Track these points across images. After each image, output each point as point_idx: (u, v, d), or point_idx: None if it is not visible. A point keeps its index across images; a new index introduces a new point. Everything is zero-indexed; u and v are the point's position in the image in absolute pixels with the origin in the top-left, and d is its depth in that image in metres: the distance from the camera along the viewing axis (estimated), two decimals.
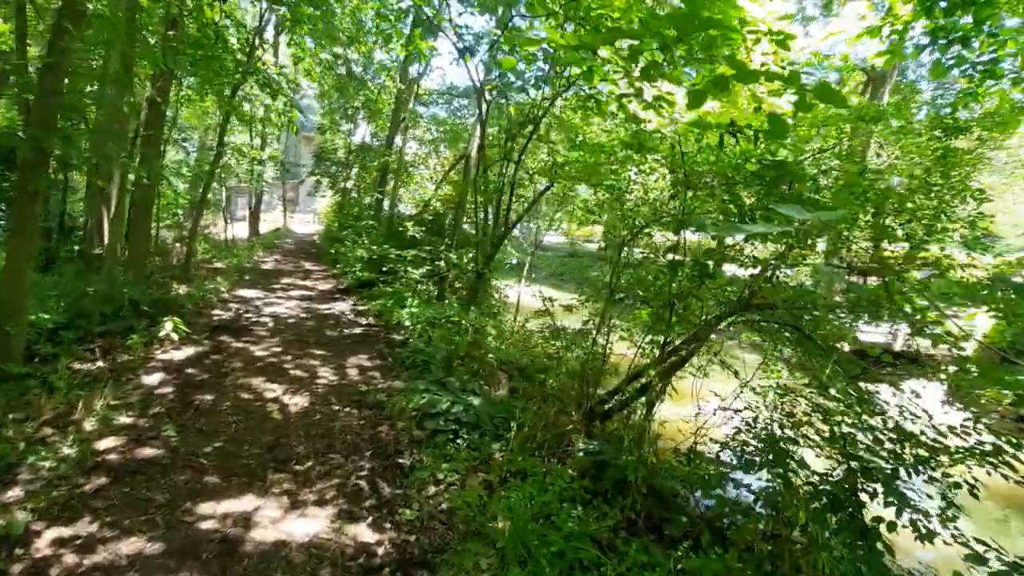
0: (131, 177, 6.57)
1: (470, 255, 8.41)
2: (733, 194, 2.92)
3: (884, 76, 14.13)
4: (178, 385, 4.75)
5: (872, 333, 9.12)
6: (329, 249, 15.07)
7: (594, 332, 4.89)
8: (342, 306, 9.14)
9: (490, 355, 5.25)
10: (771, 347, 4.52)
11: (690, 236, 5.23)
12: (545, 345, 6.07)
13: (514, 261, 10.23)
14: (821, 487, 3.07)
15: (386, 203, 14.04)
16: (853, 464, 3.15)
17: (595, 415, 4.29)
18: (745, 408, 3.54)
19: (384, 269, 8.84)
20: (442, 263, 7.92)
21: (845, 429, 3.23)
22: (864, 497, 3.12)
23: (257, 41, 8.94)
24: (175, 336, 5.60)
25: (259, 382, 5.06)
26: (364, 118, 19.68)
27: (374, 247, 8.81)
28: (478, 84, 6.07)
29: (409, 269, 8.26)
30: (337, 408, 4.65)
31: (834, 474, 3.22)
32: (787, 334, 3.90)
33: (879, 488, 2.99)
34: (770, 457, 3.12)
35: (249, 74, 6.73)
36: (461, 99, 17.24)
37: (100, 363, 4.93)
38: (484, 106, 8.21)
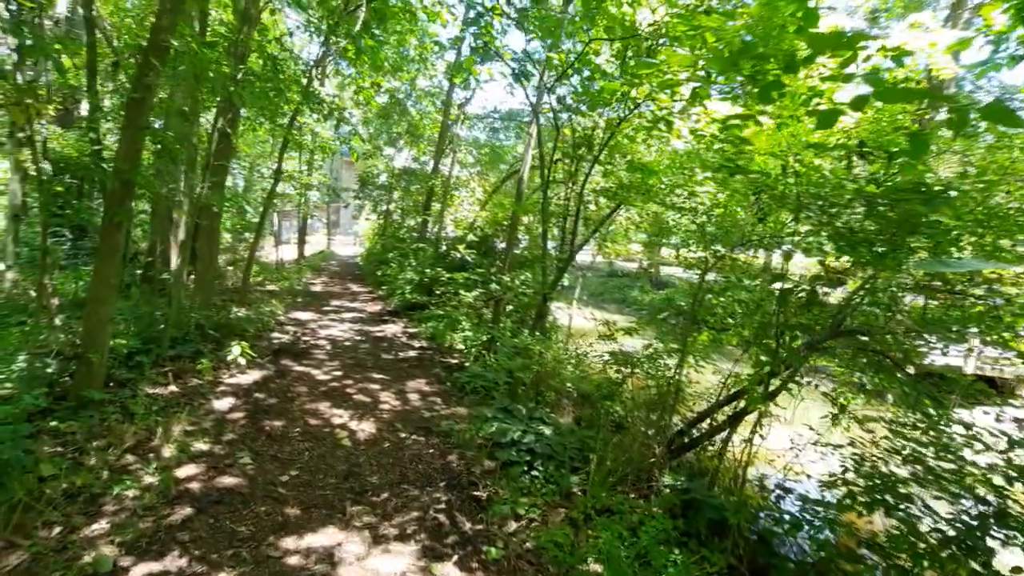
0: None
1: (522, 278, 8.32)
2: (852, 219, 2.72)
3: (940, 86, 13.55)
4: (248, 410, 4.78)
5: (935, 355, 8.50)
6: (374, 271, 15.32)
7: (665, 357, 4.69)
8: (393, 329, 9.18)
9: (555, 381, 5.09)
10: (847, 375, 4.22)
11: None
12: (608, 370, 5.87)
13: (565, 283, 10.08)
14: (950, 533, 2.77)
15: (431, 225, 14.18)
16: (982, 507, 2.84)
17: (675, 447, 4.06)
18: (847, 444, 3.26)
19: (437, 292, 8.85)
20: (496, 286, 7.85)
21: (945, 464, 2.93)
22: (993, 544, 2.81)
23: (315, 72, 9.27)
24: (242, 360, 5.68)
25: (325, 407, 5.05)
26: (406, 143, 20.19)
27: (425, 270, 8.83)
28: (532, 103, 6.05)
29: (461, 292, 8.23)
30: (404, 435, 4.57)
31: (958, 517, 2.91)
32: (873, 361, 3.62)
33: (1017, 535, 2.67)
34: (886, 498, 2.84)
35: (310, 102, 6.92)
36: (504, 121, 17.46)
37: (173, 387, 5.03)
38: (535, 128, 8.21)
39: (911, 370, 3.73)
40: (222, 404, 4.84)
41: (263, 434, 4.32)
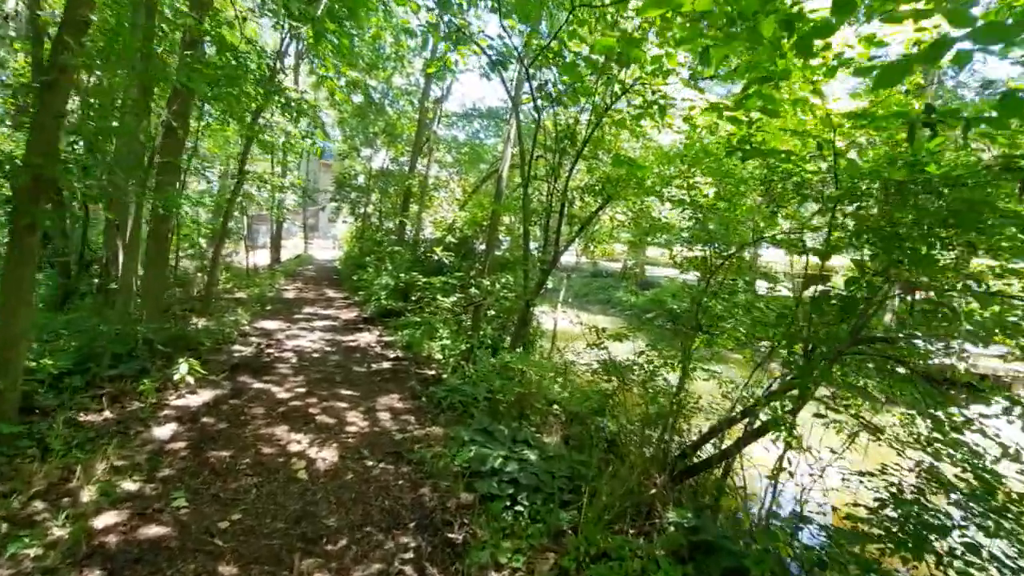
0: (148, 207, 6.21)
1: (502, 281, 7.85)
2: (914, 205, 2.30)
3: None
4: (192, 438, 4.20)
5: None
6: (351, 276, 14.69)
7: (661, 368, 4.24)
8: (367, 337, 8.61)
9: (540, 401, 4.62)
10: (855, 382, 3.84)
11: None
12: (598, 381, 5.41)
13: (549, 285, 9.63)
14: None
15: (409, 228, 13.62)
16: None
17: (676, 471, 3.61)
18: (880, 472, 2.83)
19: (413, 297, 8.32)
20: (475, 290, 7.35)
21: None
22: None
23: (278, 65, 8.67)
24: (191, 379, 5.09)
25: (282, 431, 4.49)
26: (383, 144, 19.59)
27: (400, 274, 8.31)
28: (511, 95, 5.59)
29: (439, 297, 7.71)
30: (371, 463, 4.04)
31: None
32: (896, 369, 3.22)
33: None
34: (934, 542, 2.41)
35: (272, 95, 6.34)
36: (482, 120, 17.00)
37: (108, 413, 4.43)
38: (515, 122, 7.74)
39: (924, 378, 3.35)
40: (162, 432, 4.26)
41: (206, 468, 3.75)
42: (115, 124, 5.50)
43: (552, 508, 3.28)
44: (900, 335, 3.13)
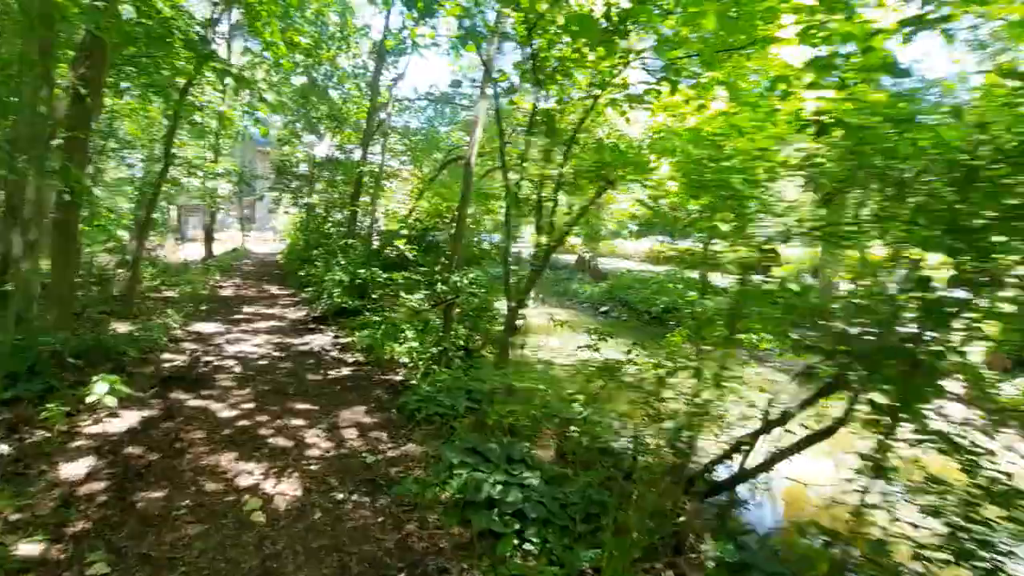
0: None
1: (471, 276, 7.29)
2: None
3: None
4: (114, 475, 3.41)
5: None
6: (296, 271, 13.61)
7: (671, 370, 3.86)
8: (321, 340, 7.81)
9: (534, 406, 4.13)
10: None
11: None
12: (588, 379, 4.99)
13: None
14: None
15: (362, 219, 12.72)
16: None
17: (695, 490, 3.24)
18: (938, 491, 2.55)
19: (374, 295, 7.59)
20: (443, 286, 6.75)
21: None
22: None
23: (210, 34, 7.64)
24: (111, 400, 4.22)
25: (229, 460, 3.77)
26: (327, 130, 18.37)
27: (359, 270, 7.56)
28: (493, 74, 5.03)
29: (402, 294, 7.05)
30: (342, 496, 3.42)
31: None
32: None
33: None
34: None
35: (205, 60, 5.42)
36: (436, 106, 16.20)
37: (2, 446, 3.54)
38: (484, 104, 7.16)
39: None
40: (74, 469, 3.44)
41: (132, 515, 3.01)
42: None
43: (568, 544, 2.81)
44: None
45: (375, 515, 3.24)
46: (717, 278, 4.52)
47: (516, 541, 2.85)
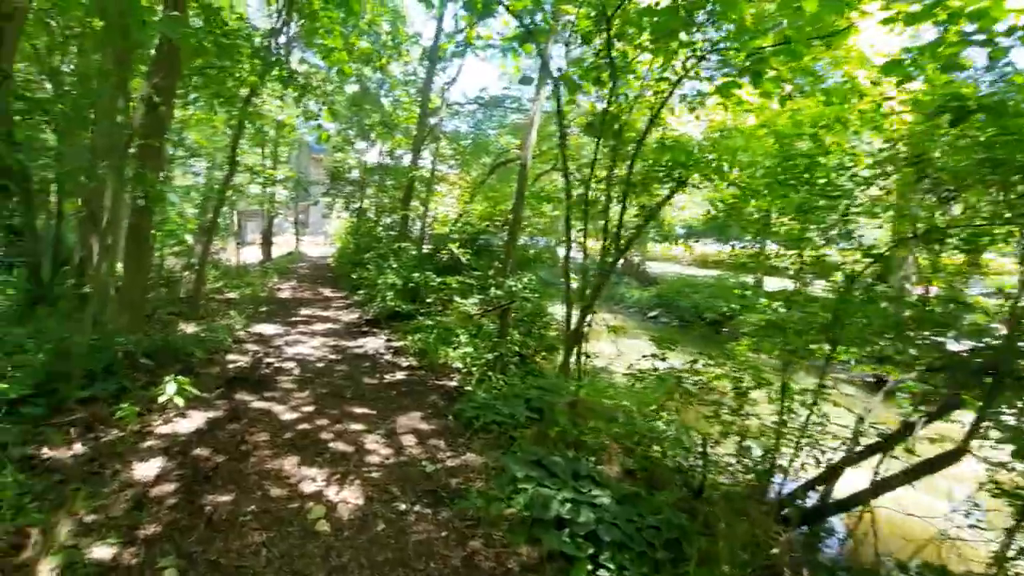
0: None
1: (524, 280, 7.13)
2: None
3: None
4: (183, 478, 3.44)
5: None
6: (348, 274, 13.87)
7: (749, 387, 3.55)
8: (374, 343, 7.85)
9: (600, 420, 3.92)
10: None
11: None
12: (670, 398, 4.71)
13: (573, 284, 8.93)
14: None
15: (411, 223, 12.83)
16: None
17: (785, 516, 2.93)
18: None
19: (428, 300, 7.56)
20: (497, 291, 6.63)
21: None
22: None
23: (272, 44, 7.85)
24: (180, 400, 4.31)
25: (292, 465, 3.75)
26: (378, 136, 18.74)
27: (412, 274, 7.55)
28: (552, 72, 4.86)
29: (457, 299, 6.98)
30: (404, 508, 3.32)
31: None
32: None
33: None
34: None
35: (271, 67, 5.53)
36: (486, 110, 16.18)
37: (78, 446, 3.65)
38: (537, 106, 7.00)
39: None
40: (146, 470, 3.49)
41: (201, 519, 3.01)
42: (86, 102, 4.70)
43: (649, 574, 2.59)
44: None
45: (438, 529, 3.12)
46: (771, 283, 4.18)
47: (590, 566, 2.65)
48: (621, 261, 21.69)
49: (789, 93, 3.55)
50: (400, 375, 6.30)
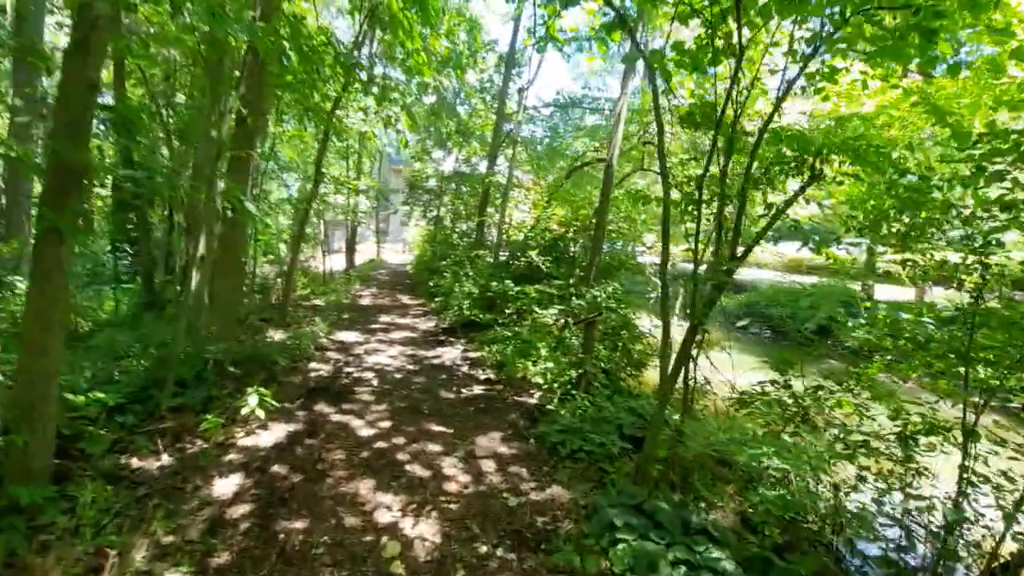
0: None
1: (609, 290, 6.61)
2: None
3: None
4: (259, 498, 3.30)
5: None
6: (425, 281, 13.96)
7: (920, 429, 2.84)
8: (451, 353, 7.66)
9: (706, 457, 3.35)
10: None
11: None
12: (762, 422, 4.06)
13: (652, 293, 8.28)
14: None
15: (487, 229, 12.68)
16: None
17: None
18: None
19: (507, 310, 7.26)
20: (579, 301, 6.17)
21: None
22: None
23: (355, 54, 7.95)
24: (261, 412, 4.26)
25: (367, 489, 3.51)
26: (454, 144, 18.95)
27: (492, 282, 7.28)
28: (646, 61, 4.36)
29: (536, 309, 6.60)
30: (485, 549, 2.95)
31: None
32: None
33: None
34: None
35: (354, 72, 5.49)
36: (562, 112, 15.78)
37: (165, 457, 3.65)
38: (624, 100, 6.49)
39: None
40: (224, 486, 3.40)
41: (274, 549, 2.81)
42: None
43: None
44: None
45: None
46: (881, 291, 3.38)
47: None
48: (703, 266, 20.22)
49: (960, 63, 2.83)
50: (478, 389, 6.01)
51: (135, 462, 3.52)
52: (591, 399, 5.10)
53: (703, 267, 3.62)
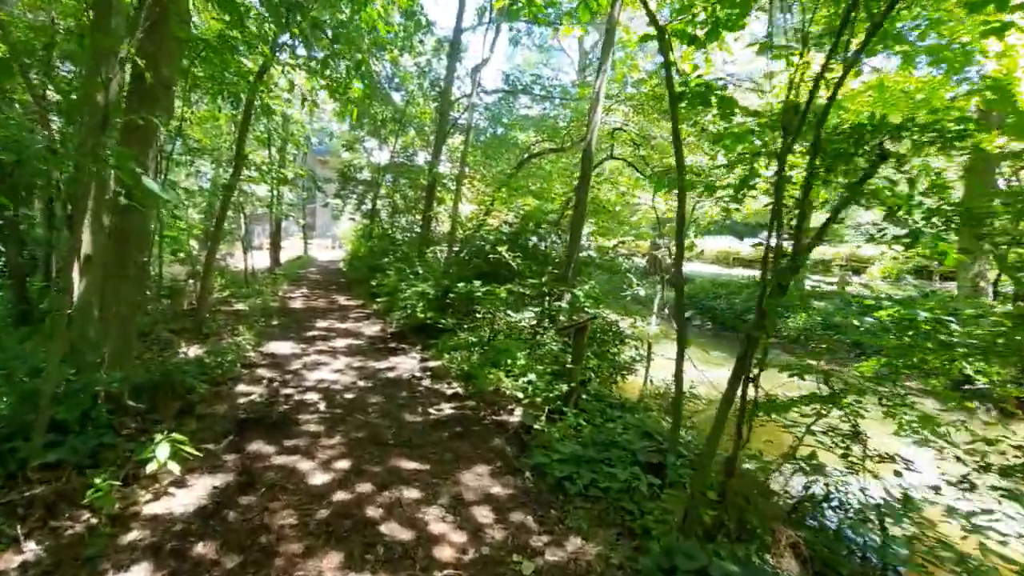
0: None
1: (586, 288, 5.98)
2: None
3: None
4: None
5: None
6: (364, 279, 12.73)
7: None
8: (406, 363, 6.72)
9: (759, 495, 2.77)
10: None
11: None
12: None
13: (640, 291, 7.76)
14: None
15: (435, 224, 11.71)
16: None
17: None
18: None
19: (479, 314, 6.41)
20: (562, 303, 5.47)
21: None
22: None
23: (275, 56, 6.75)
24: (175, 466, 3.19)
25: (334, 571, 2.60)
26: (389, 133, 17.70)
27: (457, 282, 6.40)
28: (660, 22, 3.74)
29: (509, 313, 5.83)
30: None
31: None
32: None
33: None
34: None
35: (289, 31, 4.40)
36: (506, 98, 15.00)
37: (29, 548, 2.53)
38: (604, 77, 5.88)
39: None
40: None
41: None
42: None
43: None
44: None
45: None
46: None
47: None
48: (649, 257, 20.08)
49: None
50: (447, 408, 5.16)
51: None
52: (586, 416, 4.43)
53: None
